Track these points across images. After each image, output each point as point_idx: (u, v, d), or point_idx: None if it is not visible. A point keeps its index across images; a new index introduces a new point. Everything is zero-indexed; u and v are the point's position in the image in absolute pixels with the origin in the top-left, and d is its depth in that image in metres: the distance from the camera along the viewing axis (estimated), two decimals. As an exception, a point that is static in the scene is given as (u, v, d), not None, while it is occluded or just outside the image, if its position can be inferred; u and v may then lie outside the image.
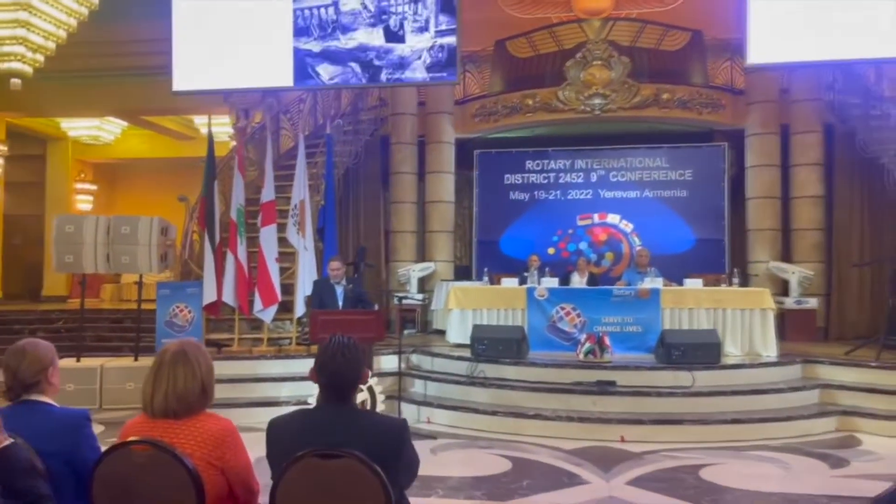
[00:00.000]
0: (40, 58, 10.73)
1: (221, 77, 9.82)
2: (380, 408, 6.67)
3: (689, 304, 8.48)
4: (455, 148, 12.09)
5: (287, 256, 8.75)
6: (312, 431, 2.56)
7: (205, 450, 2.61)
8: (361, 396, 6.62)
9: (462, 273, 11.89)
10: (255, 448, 3.13)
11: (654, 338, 8.25)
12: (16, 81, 10.47)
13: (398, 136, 11.92)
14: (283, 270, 8.66)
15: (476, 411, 7.23)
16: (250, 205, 8.87)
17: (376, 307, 7.15)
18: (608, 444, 6.58)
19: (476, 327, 8.24)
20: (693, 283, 8.82)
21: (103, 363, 8.35)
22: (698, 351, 7.53)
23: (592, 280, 9.62)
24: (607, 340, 7.82)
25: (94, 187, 18.68)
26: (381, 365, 8.23)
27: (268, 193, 8.34)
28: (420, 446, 6.64)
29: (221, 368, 7.97)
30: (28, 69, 10.60)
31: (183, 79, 10.04)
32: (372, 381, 6.67)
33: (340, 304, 7.28)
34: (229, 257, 8.14)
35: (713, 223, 11.17)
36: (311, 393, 6.58)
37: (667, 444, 6.51)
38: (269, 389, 7.84)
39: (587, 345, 7.80)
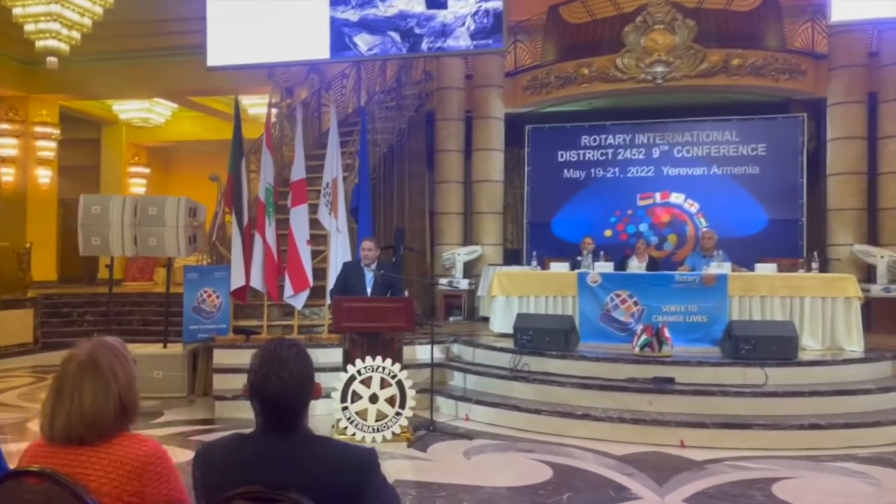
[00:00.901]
0: (76, 35, 10.48)
1: (256, 51, 9.31)
2: (410, 403, 6.07)
3: (761, 292, 7.57)
4: (504, 123, 11.37)
5: (319, 239, 8.21)
6: (247, 466, 1.94)
7: (118, 482, 2.02)
8: (389, 392, 6.04)
9: (511, 257, 11.17)
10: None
11: (720, 329, 7.40)
12: (52, 60, 10.25)
13: (444, 112, 11.26)
14: (315, 254, 8.13)
15: (518, 409, 6.55)
16: (285, 185, 8.37)
17: (406, 293, 6.53)
18: (665, 449, 5.82)
19: (520, 316, 7.54)
20: (765, 269, 7.89)
21: (130, 350, 7.98)
22: (772, 345, 6.65)
23: (652, 265, 8.79)
24: (667, 332, 7.02)
25: (147, 170, 18.70)
26: (415, 355, 7.65)
27: (298, 171, 7.79)
28: (453, 448, 6.06)
29: (247, 357, 7.49)
30: (64, 47, 10.37)
31: (217, 54, 9.59)
32: (402, 375, 6.08)
33: (369, 290, 6.68)
34: (257, 240, 7.65)
35: (789, 202, 10.14)
36: (333, 387, 6.05)
37: (733, 452, 5.70)
38: (298, 380, 7.32)
39: (644, 336, 7.01)
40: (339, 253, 7.76)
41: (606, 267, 8.32)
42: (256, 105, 15.29)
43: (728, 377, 6.54)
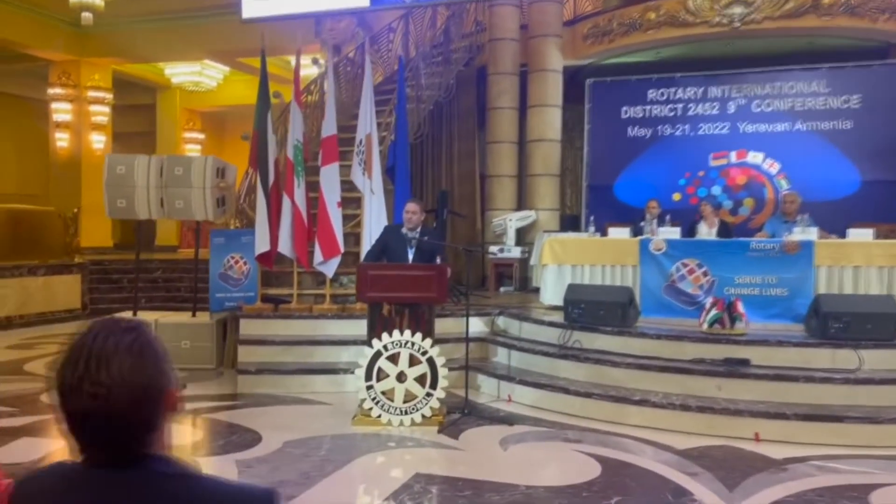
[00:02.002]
0: (110, -11, 10.06)
1: (291, 1, 8.71)
2: (442, 383, 5.40)
3: (855, 262, 6.56)
4: (563, 77, 10.45)
5: (353, 202, 7.57)
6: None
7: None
8: (418, 370, 5.38)
9: (569, 223, 10.31)
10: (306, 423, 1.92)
11: (804, 304, 6.44)
12: (87, 15, 9.88)
13: (496, 66, 10.41)
14: (348, 218, 7.50)
15: (566, 391, 5.80)
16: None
17: (449, 268, 5.79)
18: (736, 444, 4.98)
19: (571, 287, 6.74)
20: (860, 235, 6.84)
21: (158, 318, 7.60)
22: (867, 323, 5.68)
23: (724, 230, 7.82)
24: (741, 306, 6.12)
25: (201, 136, 18.52)
26: (456, 328, 6.96)
27: (329, 127, 7.14)
28: (489, 435, 5.31)
29: (276, 328, 7.01)
30: (99, 1, 9.96)
31: (252, 5, 9.04)
32: (433, 352, 5.40)
33: (410, 257, 6.00)
34: (285, 202, 7.06)
35: (887, 161, 8.93)
36: (358, 364, 5.43)
37: (819, 450, 4.83)
38: (328, 354, 6.77)
39: (714, 311, 6.13)
40: (373, 216, 7.10)
41: (672, 233, 7.42)
42: (306, 66, 14.72)
43: (814, 360, 5.62)
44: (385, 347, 5.40)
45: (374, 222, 7.03)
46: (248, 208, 7.89)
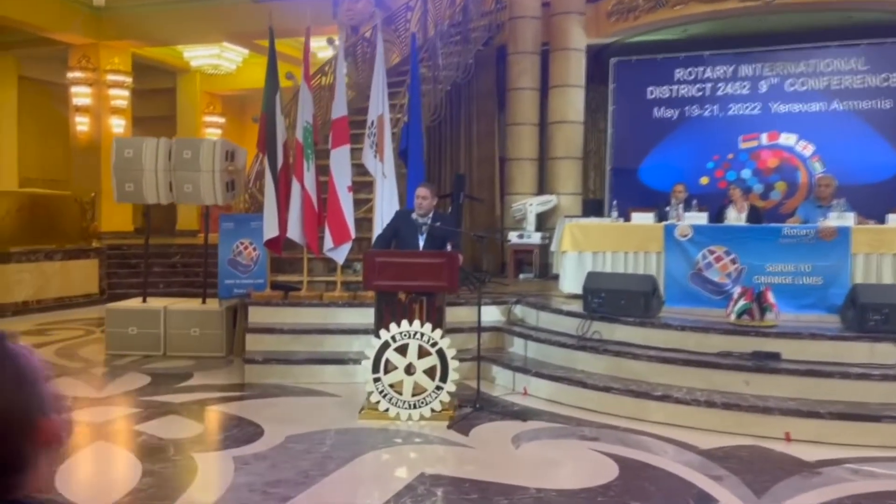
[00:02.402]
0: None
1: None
2: (453, 376, 5.14)
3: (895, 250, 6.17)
4: (586, 56, 10.06)
5: (365, 187, 7.32)
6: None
7: None
8: (428, 362, 5.13)
9: (592, 208, 9.93)
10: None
11: (839, 294, 6.07)
12: (99, -3, 9.66)
13: (517, 45, 10.05)
14: (360, 203, 7.26)
15: (584, 385, 5.51)
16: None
17: (460, 255, 5.52)
18: (765, 444, 4.67)
19: (591, 275, 6.43)
20: (900, 221, 6.44)
21: (167, 305, 7.43)
22: (908, 315, 5.30)
23: (754, 215, 7.44)
24: (771, 296, 5.77)
25: (222, 119, 18.38)
26: (472, 317, 6.70)
27: (339, 108, 6.88)
28: (501, 432, 5.00)
29: (285, 316, 6.79)
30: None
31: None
32: (443, 343, 5.14)
33: (421, 243, 5.74)
34: (294, 186, 6.83)
35: (929, 143, 8.46)
36: (365, 354, 5.20)
37: (856, 451, 4.50)
38: (339, 343, 6.55)
39: (742, 301, 5.79)
40: (384, 201, 6.84)
41: (699, 218, 7.07)
42: (323, 49, 14.48)
43: (850, 354, 5.26)
44: (393, 338, 5.15)
45: (386, 207, 6.77)
46: (258, 192, 7.67)
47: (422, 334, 5.14)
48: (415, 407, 5.13)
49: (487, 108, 10.42)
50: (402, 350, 5.16)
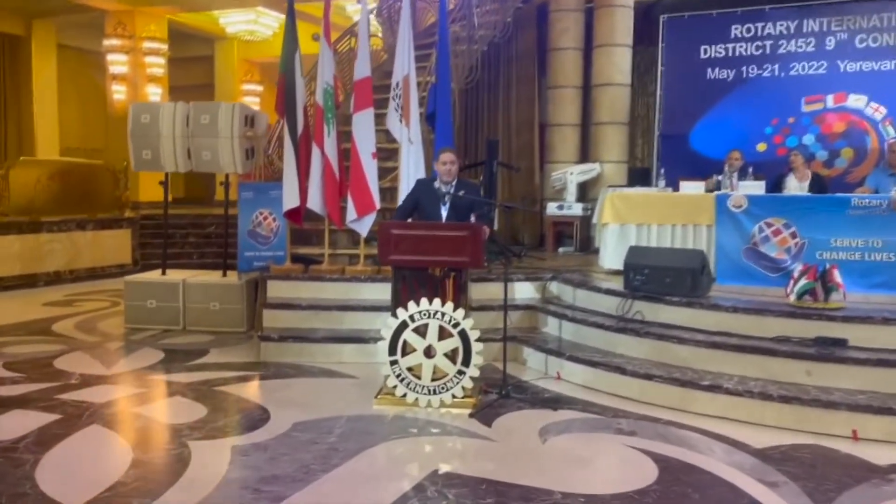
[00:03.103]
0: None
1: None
2: (476, 360, 4.68)
3: (982, 223, 5.45)
4: (634, 13, 9.35)
5: (390, 154, 6.86)
6: None
7: None
8: (449, 344, 4.68)
9: (638, 177, 9.28)
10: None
11: (916, 273, 5.40)
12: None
13: (559, 1, 9.38)
14: (386, 171, 6.81)
15: (622, 371, 5.00)
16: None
17: (486, 228, 5.02)
18: (829, 443, 4.12)
19: (633, 250, 5.87)
20: None
21: (186, 278, 7.14)
22: None
23: (818, 184, 6.76)
24: (837, 275, 5.14)
25: (260, 87, 18.10)
26: (494, 294, 6.25)
27: (362, 68, 6.41)
28: (528, 422, 4.32)
29: (305, 291, 6.42)
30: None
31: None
32: (466, 324, 4.68)
33: (444, 214, 5.27)
34: (315, 152, 6.40)
35: None
36: (381, 335, 4.77)
37: (936, 456, 3.92)
38: (360, 320, 6.15)
39: (804, 281, 5.18)
40: (411, 169, 6.38)
41: (756, 187, 6.43)
42: (358, 12, 13.97)
43: (928, 342, 4.64)
44: (411, 318, 4.71)
45: (412, 175, 6.31)
46: (278, 158, 7.27)
47: (442, 314, 4.69)
48: (435, 392, 4.70)
49: (527, 70, 9.80)
50: (422, 331, 4.72)
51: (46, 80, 15.05)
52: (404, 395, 4.72)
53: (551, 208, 9.08)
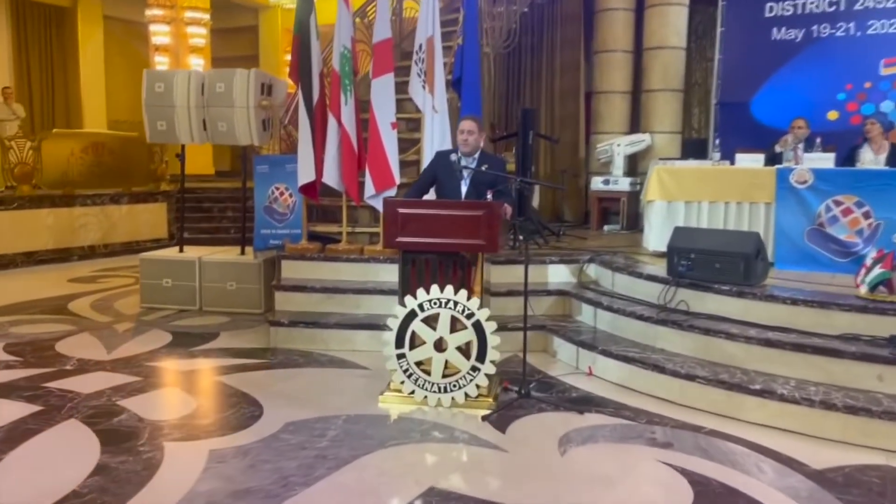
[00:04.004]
0: None
1: None
2: (492, 355, 4.17)
3: None
4: (691, -31, 8.53)
5: (412, 124, 6.33)
6: None
7: None
8: (462, 337, 4.17)
9: (693, 149, 8.52)
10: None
11: None
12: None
13: (608, -43, 8.63)
14: (408, 143, 6.29)
15: (661, 370, 4.41)
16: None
17: (508, 207, 4.47)
18: (904, 466, 3.48)
19: (678, 231, 5.22)
20: None
21: (202, 256, 6.80)
22: None
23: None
24: (918, 263, 4.42)
25: (304, 58, 17.69)
26: (521, 277, 5.71)
27: (381, 29, 5.88)
28: (550, 426, 4.25)
29: (320, 272, 5.99)
30: None
31: None
32: (481, 314, 4.16)
33: (464, 190, 4.75)
34: (331, 122, 5.93)
35: None
36: (387, 325, 4.30)
37: None
38: (377, 305, 5.68)
39: (878, 270, 4.47)
40: (435, 140, 5.85)
41: (824, 160, 5.67)
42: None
43: None
44: (421, 307, 4.22)
45: (436, 148, 5.77)
46: (294, 129, 6.82)
47: (455, 303, 4.18)
48: (445, 391, 4.22)
49: (572, 33, 9.10)
50: (432, 321, 4.23)
51: (93, 52, 14.96)
52: (412, 393, 4.25)
53: (596, 183, 8.43)
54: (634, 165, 8.57)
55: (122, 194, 10.79)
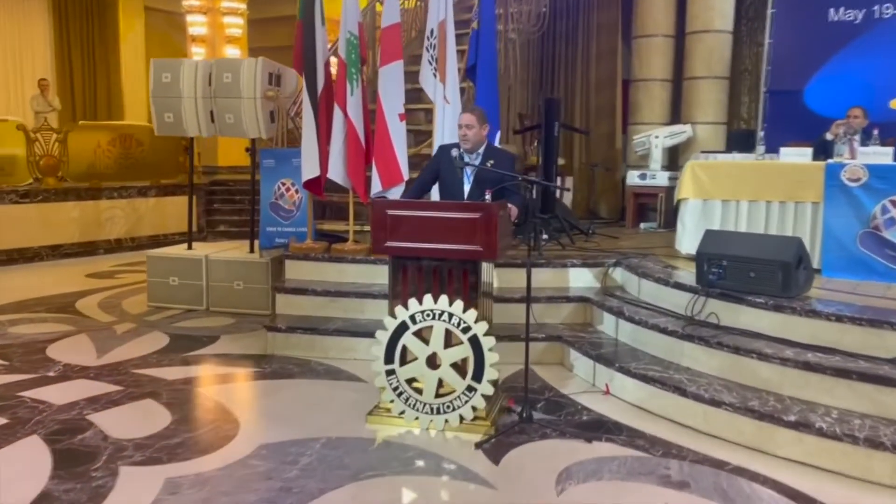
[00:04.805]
0: None
1: None
2: (489, 375, 3.74)
3: None
4: (739, -55, 7.87)
5: (430, 115, 5.92)
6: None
7: None
8: (457, 352, 3.76)
9: (739, 141, 7.87)
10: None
11: None
12: None
13: (647, -66, 8.03)
14: (424, 136, 5.88)
15: (682, 392, 3.91)
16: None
17: (513, 208, 4.04)
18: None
19: (709, 235, 4.68)
20: None
21: (209, 253, 6.53)
22: None
23: (968, 152, 5.26)
24: None
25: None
26: (546, 282, 5.29)
27: (390, 14, 5.47)
28: (550, 457, 3.53)
29: (325, 273, 5.65)
30: None
31: None
32: (478, 328, 3.74)
33: (467, 190, 4.34)
34: (337, 114, 5.56)
35: None
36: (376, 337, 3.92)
37: None
38: (382, 310, 5.21)
39: (939, 282, 3.87)
40: (445, 133, 5.44)
41: (881, 155, 5.03)
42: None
43: None
44: (413, 318, 3.82)
45: (448, 140, 5.34)
46: (299, 119, 6.47)
47: (450, 315, 3.76)
48: (438, 412, 3.81)
49: (609, 17, 8.53)
50: (424, 335, 3.83)
51: (134, 43, 14.95)
52: (402, 414, 3.86)
53: (632, 177, 7.87)
54: (675, 159, 7.98)
55: (150, 187, 10.68)
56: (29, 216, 9.20)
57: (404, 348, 3.86)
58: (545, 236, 6.38)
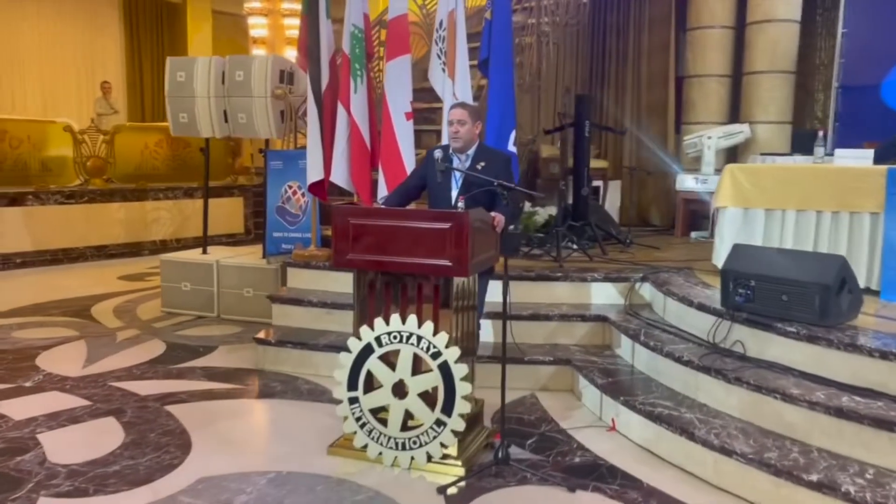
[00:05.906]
0: None
1: None
2: (461, 407, 3.27)
3: None
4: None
5: (431, 114, 5.48)
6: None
7: None
8: (426, 380, 3.31)
9: (804, 142, 7.05)
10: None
11: None
12: None
13: (704, -85, 7.34)
14: (427, 136, 5.45)
15: (691, 435, 3.32)
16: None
17: (499, 218, 3.51)
18: None
19: (737, 250, 4.03)
20: None
21: (220, 258, 6.30)
22: None
23: None
24: None
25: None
26: (562, 297, 4.79)
27: (396, 4, 5.07)
28: None
29: (323, 282, 5.29)
30: None
31: None
32: (449, 354, 3.28)
33: (454, 195, 3.87)
34: (340, 113, 5.19)
35: None
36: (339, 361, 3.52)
37: None
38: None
39: None
40: (455, 132, 4.96)
41: (959, 158, 4.27)
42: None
43: None
44: (378, 341, 3.39)
45: (456, 141, 4.89)
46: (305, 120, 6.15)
47: (418, 338, 3.31)
48: (404, 448, 3.37)
49: (662, 9, 7.85)
50: (391, 359, 3.40)
51: (202, 46, 15.15)
52: (364, 447, 3.43)
53: (683, 182, 7.20)
54: (732, 161, 7.23)
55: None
56: (75, 217, 9.29)
57: (369, 374, 3.43)
58: (574, 246, 5.85)
